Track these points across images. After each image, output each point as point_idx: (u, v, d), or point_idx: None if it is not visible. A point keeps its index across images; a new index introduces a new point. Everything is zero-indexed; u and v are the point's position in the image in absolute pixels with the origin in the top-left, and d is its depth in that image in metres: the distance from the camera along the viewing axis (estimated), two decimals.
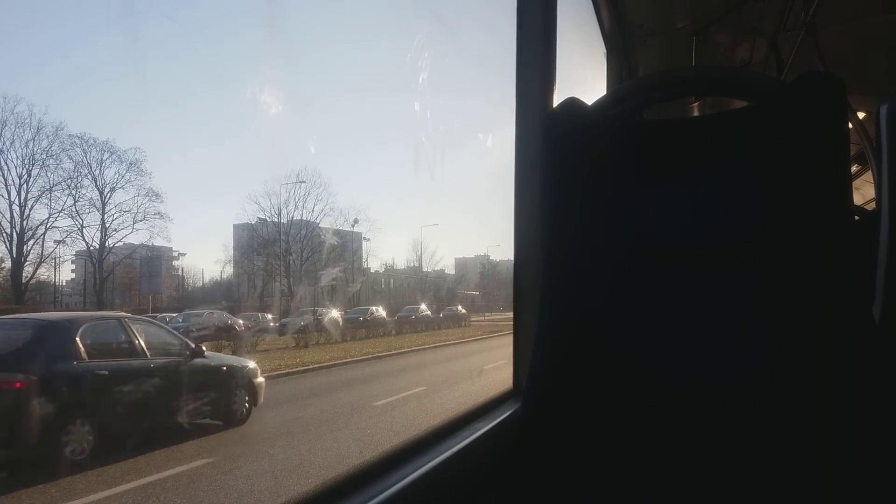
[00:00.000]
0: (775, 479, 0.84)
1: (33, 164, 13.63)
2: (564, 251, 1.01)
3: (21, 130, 13.77)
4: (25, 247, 14.06)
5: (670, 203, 0.95)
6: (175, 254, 17.42)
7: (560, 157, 1.02)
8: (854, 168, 3.93)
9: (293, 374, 9.43)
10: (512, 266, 1.35)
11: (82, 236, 15.09)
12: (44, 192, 13.94)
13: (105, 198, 15.05)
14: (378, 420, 7.01)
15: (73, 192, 14.52)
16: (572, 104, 1.03)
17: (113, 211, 15.29)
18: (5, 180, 13.27)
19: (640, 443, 0.91)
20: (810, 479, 0.83)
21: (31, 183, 13.64)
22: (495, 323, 21.12)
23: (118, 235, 15.78)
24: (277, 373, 9.15)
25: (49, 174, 14.02)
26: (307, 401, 7.67)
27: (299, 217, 21.32)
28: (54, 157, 13.94)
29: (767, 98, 0.93)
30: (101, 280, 16.28)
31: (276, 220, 20.95)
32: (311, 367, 9.87)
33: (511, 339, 1.32)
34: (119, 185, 15.27)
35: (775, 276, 0.88)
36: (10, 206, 13.42)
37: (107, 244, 15.66)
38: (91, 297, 16.29)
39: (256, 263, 21.26)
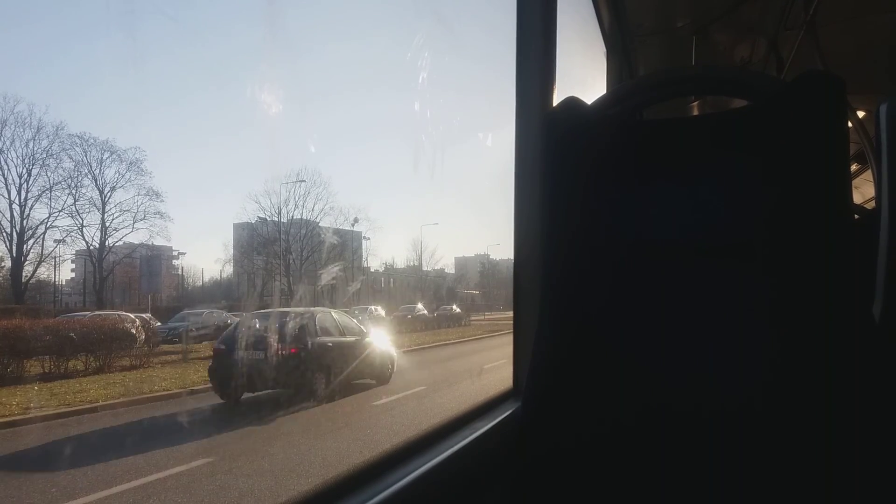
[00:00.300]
0: (775, 479, 0.84)
1: (33, 164, 13.62)
2: (564, 250, 1.01)
3: (21, 130, 13.76)
4: (25, 246, 14.06)
5: (670, 202, 0.95)
6: (175, 253, 17.43)
7: (560, 157, 1.02)
8: (854, 167, 3.94)
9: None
10: (512, 265, 1.35)
11: (82, 235, 15.09)
12: (44, 192, 13.94)
13: (105, 197, 15.06)
14: (378, 420, 7.16)
15: (73, 191, 14.52)
16: (572, 103, 1.03)
17: (113, 210, 15.30)
18: (5, 180, 13.26)
19: (639, 443, 0.91)
20: (810, 479, 0.83)
21: (31, 182, 13.64)
22: (495, 322, 21.11)
23: (118, 235, 15.79)
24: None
25: (49, 173, 14.02)
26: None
27: (299, 216, 21.34)
28: (54, 156, 13.93)
29: (767, 97, 0.92)
30: (101, 279, 16.28)
31: (276, 219, 20.97)
32: None
33: (511, 338, 1.32)
34: (119, 185, 15.29)
35: (775, 275, 0.88)
36: (11, 205, 13.42)
37: (107, 243, 15.66)
38: (91, 297, 16.28)
39: (256, 262, 21.27)
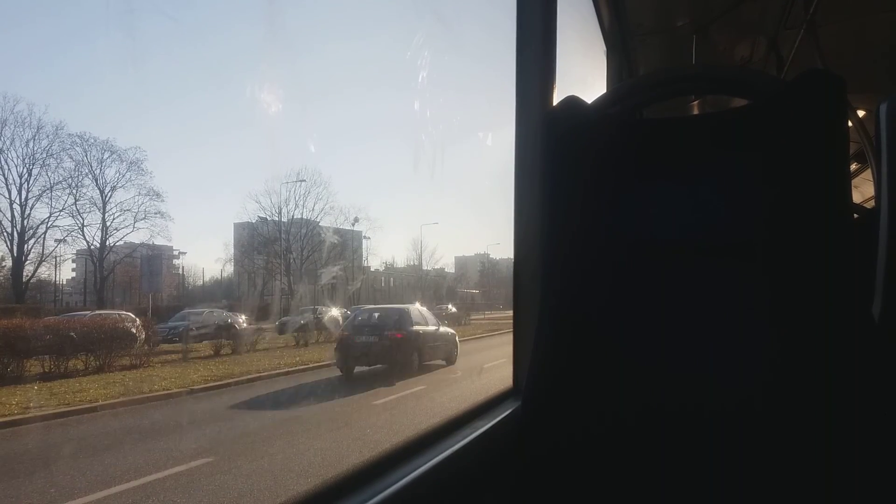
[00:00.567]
0: (775, 479, 0.84)
1: (34, 164, 13.60)
2: (564, 249, 1.01)
3: (21, 130, 13.73)
4: (26, 246, 14.04)
5: (670, 201, 0.95)
6: (175, 252, 17.39)
7: (560, 156, 1.02)
8: (854, 166, 3.94)
9: (292, 372, 9.46)
10: (511, 264, 1.35)
11: (83, 235, 15.06)
12: (44, 192, 13.91)
13: (105, 197, 15.03)
14: (377, 418, 7.17)
15: (74, 191, 14.49)
16: (572, 102, 1.03)
17: (113, 210, 15.26)
18: (6, 179, 13.24)
19: (639, 442, 0.91)
20: (810, 478, 0.83)
21: (31, 182, 13.61)
22: (495, 321, 21.06)
23: (119, 234, 15.76)
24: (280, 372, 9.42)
25: (49, 173, 13.99)
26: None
27: (300, 216, 21.31)
28: (54, 156, 13.90)
29: (767, 96, 0.92)
30: (102, 279, 16.26)
31: (277, 218, 20.94)
32: (309, 365, 9.90)
33: (510, 337, 1.32)
34: (119, 185, 15.25)
35: (775, 274, 0.88)
36: (11, 205, 13.39)
37: (107, 243, 15.63)
38: (91, 296, 16.26)
39: (257, 262, 21.23)
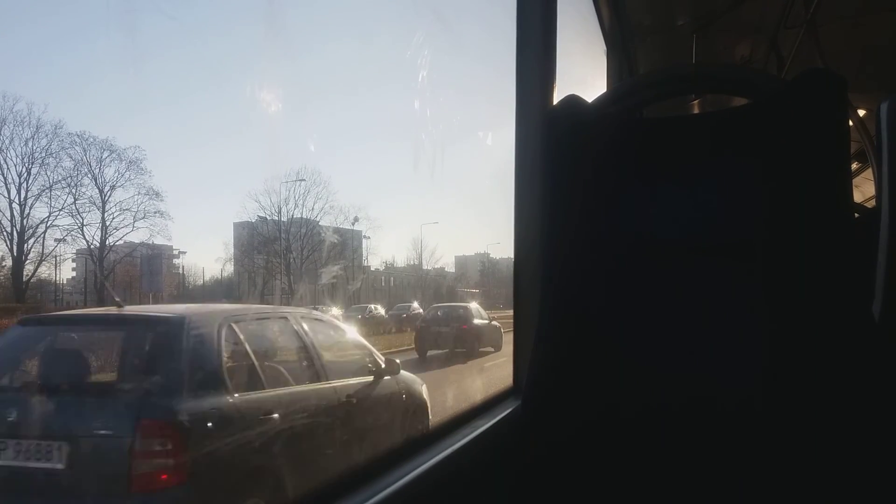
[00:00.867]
0: (775, 478, 0.84)
1: (33, 163, 13.54)
2: (565, 248, 1.00)
3: (20, 129, 13.72)
4: (26, 245, 14.03)
5: (670, 200, 0.95)
6: (175, 252, 17.31)
7: (560, 155, 1.01)
8: (854, 166, 3.93)
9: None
10: (512, 264, 1.35)
11: (83, 235, 15.05)
12: (44, 191, 13.85)
13: (105, 196, 14.96)
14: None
15: (73, 190, 14.42)
16: (573, 102, 1.03)
17: (113, 209, 15.20)
18: (5, 179, 13.18)
19: (639, 441, 0.91)
20: (809, 477, 0.83)
21: (30, 181, 13.57)
22: (497, 320, 21.02)
23: (119, 234, 15.74)
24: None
25: (49, 172, 13.92)
26: None
27: (299, 215, 21.25)
28: (54, 155, 13.84)
29: (768, 95, 0.92)
30: (102, 278, 16.24)
31: (277, 218, 20.89)
32: None
33: (510, 336, 1.32)
34: (119, 184, 15.17)
35: (775, 273, 0.87)
36: (10, 204, 13.36)
37: (107, 242, 15.63)
38: (92, 296, 16.26)
39: (257, 261, 21.19)
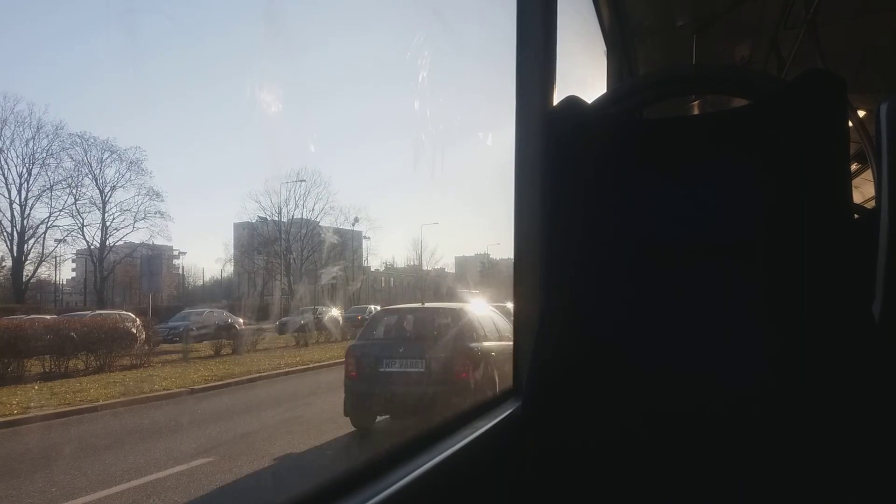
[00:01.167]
0: (775, 479, 0.84)
1: (33, 163, 13.58)
2: (565, 249, 1.01)
3: (21, 129, 13.71)
4: (26, 245, 14.03)
5: (671, 201, 0.95)
6: (175, 252, 17.38)
7: (560, 156, 1.02)
8: (854, 166, 3.93)
9: (292, 372, 9.46)
10: (512, 264, 1.35)
11: (83, 235, 15.05)
12: (44, 191, 13.89)
13: (105, 197, 15.01)
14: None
15: (74, 190, 14.47)
16: (572, 102, 1.03)
17: (113, 210, 15.25)
18: (6, 179, 13.23)
19: (640, 442, 0.91)
20: (810, 479, 0.83)
21: (31, 182, 13.59)
22: None
23: (119, 234, 15.75)
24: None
25: (49, 173, 13.97)
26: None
27: (300, 216, 21.31)
28: (54, 155, 13.88)
29: (768, 96, 0.92)
30: (102, 279, 16.26)
31: (277, 218, 20.94)
32: (310, 366, 9.92)
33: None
34: (119, 184, 15.22)
35: (775, 274, 0.88)
36: (11, 204, 13.38)
37: (107, 243, 15.62)
38: (92, 296, 16.27)
39: (257, 262, 21.25)
